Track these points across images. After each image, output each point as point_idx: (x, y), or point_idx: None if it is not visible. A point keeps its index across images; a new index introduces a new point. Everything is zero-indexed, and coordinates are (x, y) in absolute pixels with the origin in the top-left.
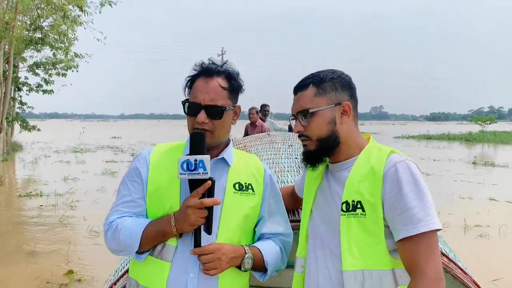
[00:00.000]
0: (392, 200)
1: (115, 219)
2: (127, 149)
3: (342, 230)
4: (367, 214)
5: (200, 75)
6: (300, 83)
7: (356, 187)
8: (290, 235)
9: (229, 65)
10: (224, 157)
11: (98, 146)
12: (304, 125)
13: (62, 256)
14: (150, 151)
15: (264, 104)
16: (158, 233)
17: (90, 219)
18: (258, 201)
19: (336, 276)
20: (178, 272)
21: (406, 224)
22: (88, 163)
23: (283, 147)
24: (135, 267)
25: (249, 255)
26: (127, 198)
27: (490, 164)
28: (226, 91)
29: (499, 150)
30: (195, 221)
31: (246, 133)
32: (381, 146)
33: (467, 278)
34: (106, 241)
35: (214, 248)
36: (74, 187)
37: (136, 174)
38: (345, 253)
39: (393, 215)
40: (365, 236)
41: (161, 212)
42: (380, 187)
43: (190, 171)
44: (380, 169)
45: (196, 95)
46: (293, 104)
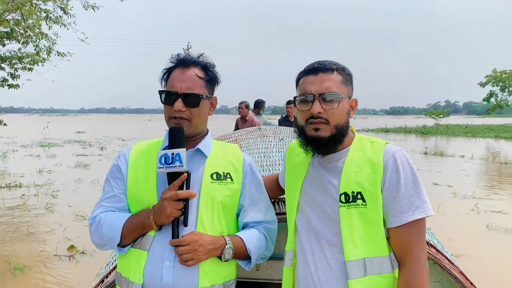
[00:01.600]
0: (392, 189)
1: (99, 214)
2: (94, 143)
3: (342, 221)
4: (368, 204)
5: (177, 66)
6: (322, 66)
7: (354, 178)
8: (274, 222)
9: (205, 57)
10: (200, 148)
11: (64, 140)
12: (325, 108)
13: (58, 235)
14: (130, 149)
15: (261, 100)
16: (138, 225)
17: (74, 205)
18: (237, 189)
19: (337, 266)
20: (154, 261)
21: (404, 212)
22: (59, 156)
23: (274, 140)
24: (120, 260)
25: (230, 245)
26: (110, 194)
27: (439, 154)
28: (202, 81)
29: (450, 142)
30: (171, 213)
31: (236, 128)
32: (372, 138)
33: (454, 269)
34: (91, 235)
35: (191, 239)
36: (51, 179)
37: (117, 171)
38: (347, 243)
39: (391, 203)
40: (365, 226)
41: (140, 206)
42: (380, 177)
43: (167, 164)
44: (379, 160)
45: (173, 84)
46: (313, 84)
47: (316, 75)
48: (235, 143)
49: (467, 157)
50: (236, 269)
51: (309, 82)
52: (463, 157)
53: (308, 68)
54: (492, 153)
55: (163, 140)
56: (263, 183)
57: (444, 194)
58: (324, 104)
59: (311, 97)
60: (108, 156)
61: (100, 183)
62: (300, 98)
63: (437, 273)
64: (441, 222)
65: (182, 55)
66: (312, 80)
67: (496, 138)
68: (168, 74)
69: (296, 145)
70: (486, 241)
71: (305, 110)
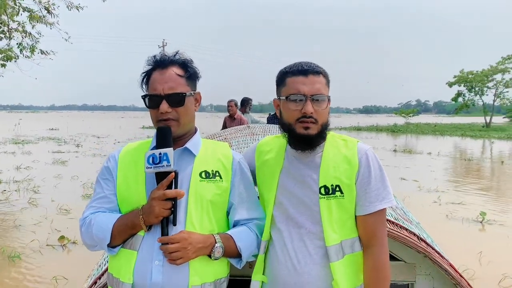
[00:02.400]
0: (364, 182)
1: (89, 215)
2: (69, 140)
3: (322, 211)
4: (345, 196)
5: (155, 68)
6: (311, 67)
7: (332, 173)
8: (264, 218)
9: (181, 54)
10: (188, 147)
11: (38, 137)
12: (316, 109)
13: (46, 227)
14: (120, 150)
15: (247, 98)
16: (127, 225)
17: (57, 200)
18: (226, 187)
19: (315, 251)
20: (144, 260)
21: (373, 202)
22: (35, 153)
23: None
24: (111, 261)
25: (220, 244)
26: (101, 194)
27: (408, 152)
28: (183, 78)
29: (419, 140)
30: (160, 212)
31: (224, 126)
32: (342, 136)
33: (444, 262)
34: (81, 236)
35: (180, 238)
36: (30, 175)
37: (107, 172)
38: (328, 231)
39: (362, 194)
40: (341, 214)
41: (130, 206)
42: (356, 171)
43: (155, 164)
44: (354, 157)
45: (154, 87)
46: (305, 85)
47: (306, 77)
48: (224, 142)
49: (434, 154)
50: (228, 267)
51: (300, 82)
52: (430, 154)
53: (297, 68)
54: (457, 150)
55: (152, 141)
56: (252, 180)
57: (410, 188)
58: (315, 104)
59: (303, 98)
60: (85, 153)
61: (79, 179)
62: (292, 97)
63: (428, 266)
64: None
65: (158, 56)
66: (303, 81)
67: (463, 136)
68: (147, 77)
69: (264, 143)
70: (445, 229)
71: (296, 109)
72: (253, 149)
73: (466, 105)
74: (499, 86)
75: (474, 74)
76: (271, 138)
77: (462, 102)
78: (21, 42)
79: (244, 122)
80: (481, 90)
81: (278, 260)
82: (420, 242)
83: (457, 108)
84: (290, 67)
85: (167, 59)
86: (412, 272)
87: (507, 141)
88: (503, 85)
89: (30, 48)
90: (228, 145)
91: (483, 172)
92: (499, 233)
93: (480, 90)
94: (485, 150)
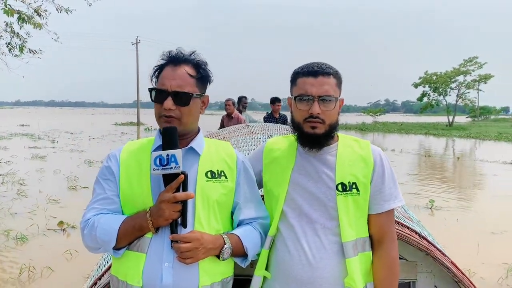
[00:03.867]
0: (378, 181)
1: (91, 217)
2: (43, 137)
3: (339, 207)
4: (360, 193)
5: (168, 63)
6: (321, 69)
7: (348, 170)
8: (268, 217)
9: (197, 55)
10: (193, 147)
11: (10, 133)
12: (323, 109)
13: (41, 215)
14: (120, 150)
15: (242, 96)
16: (134, 228)
17: (45, 191)
18: (231, 187)
19: (330, 246)
20: (153, 263)
21: (387, 200)
22: (11, 149)
23: (262, 137)
24: (115, 263)
25: (228, 245)
26: (102, 195)
27: None
28: (193, 79)
29: (386, 138)
30: (170, 215)
31: (222, 125)
32: (352, 137)
33: (446, 260)
34: (83, 239)
35: (193, 237)
36: (13, 169)
37: (109, 172)
38: (345, 227)
39: (377, 193)
40: (356, 211)
41: (134, 208)
42: (371, 170)
43: (163, 166)
44: (369, 157)
45: (163, 82)
46: (313, 86)
47: (316, 78)
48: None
49: (397, 151)
50: (233, 266)
51: (309, 83)
52: (393, 151)
53: (308, 69)
54: (419, 148)
55: (154, 140)
56: (255, 180)
57: None
58: (322, 105)
59: (311, 98)
60: (62, 149)
61: (62, 172)
62: (300, 97)
63: (429, 264)
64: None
65: (174, 52)
66: (312, 82)
67: (426, 134)
68: (159, 71)
69: (273, 142)
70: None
71: (304, 109)
72: (262, 148)
73: (430, 105)
74: (461, 87)
75: (438, 76)
76: (280, 138)
77: (427, 102)
78: (9, 42)
79: (242, 121)
80: (444, 90)
81: (290, 255)
82: (421, 240)
83: (422, 108)
84: (302, 68)
85: (181, 56)
86: (413, 270)
87: (466, 139)
88: (465, 86)
89: (19, 48)
90: (231, 144)
91: (440, 166)
92: (446, 217)
93: (444, 91)
94: (444, 147)
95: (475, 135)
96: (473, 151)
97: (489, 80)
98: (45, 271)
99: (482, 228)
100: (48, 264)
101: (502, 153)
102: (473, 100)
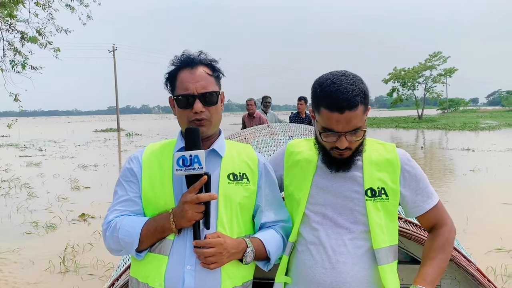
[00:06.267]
0: (413, 184)
1: (114, 219)
2: (29, 146)
3: (370, 213)
4: (390, 198)
5: (182, 67)
6: (347, 103)
7: (376, 176)
8: (290, 220)
9: (206, 54)
10: (215, 148)
11: None
12: (350, 141)
13: (57, 211)
14: (142, 151)
15: (266, 96)
16: (157, 229)
17: (52, 192)
18: (253, 190)
19: (355, 251)
20: (175, 265)
21: (426, 199)
22: (3, 158)
23: (283, 138)
24: (135, 265)
25: (251, 248)
26: (124, 197)
27: None
28: (213, 78)
29: None
30: (193, 216)
31: (244, 125)
32: (378, 141)
33: (470, 266)
34: (105, 241)
35: (216, 242)
36: (15, 175)
37: (131, 174)
38: (377, 233)
39: (414, 195)
40: (386, 217)
41: (157, 209)
42: (399, 175)
43: (185, 167)
44: (397, 161)
45: (186, 86)
46: (339, 123)
47: (342, 114)
48: (244, 142)
49: None
50: (254, 269)
51: (334, 120)
52: None
53: (332, 102)
54: (388, 140)
55: (176, 141)
56: (277, 182)
57: None
58: (350, 137)
59: (338, 134)
60: (53, 156)
61: (61, 176)
62: (325, 132)
63: (453, 270)
64: None
65: (186, 55)
66: (338, 119)
67: (397, 128)
68: (173, 77)
69: (295, 144)
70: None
71: (331, 141)
72: (283, 151)
73: (400, 99)
74: (428, 82)
75: (406, 71)
76: (301, 140)
77: (397, 97)
78: (13, 59)
79: (264, 121)
80: (413, 85)
81: (313, 259)
82: None
83: (392, 103)
84: (324, 96)
85: (196, 58)
86: None
87: (434, 131)
88: (431, 81)
89: (22, 65)
90: (251, 146)
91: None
92: None
93: (412, 86)
94: (412, 138)
95: (442, 126)
96: (435, 141)
97: (453, 73)
98: (87, 247)
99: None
100: (83, 243)
101: (465, 141)
102: (440, 93)
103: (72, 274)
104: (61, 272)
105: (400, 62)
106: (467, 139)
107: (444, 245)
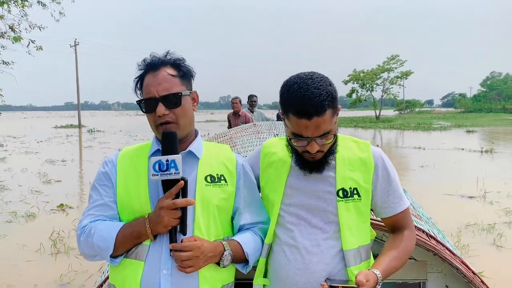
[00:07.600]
0: (385, 184)
1: (88, 224)
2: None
3: (340, 214)
4: (362, 199)
5: (147, 71)
6: (315, 108)
7: (348, 175)
8: (269, 221)
9: (172, 54)
10: (192, 150)
11: None
12: (321, 144)
13: (33, 202)
14: (117, 155)
15: (251, 95)
16: (132, 235)
17: (24, 185)
18: (231, 191)
19: (328, 251)
20: (151, 270)
21: (397, 201)
22: None
23: (268, 136)
24: (113, 271)
25: (228, 252)
26: (99, 202)
27: None
28: (176, 78)
29: None
30: (169, 222)
31: (229, 123)
32: (352, 138)
33: (455, 259)
34: (79, 246)
35: (193, 246)
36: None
37: (106, 178)
38: (346, 235)
39: (385, 195)
40: (358, 217)
41: (132, 214)
42: (371, 174)
43: (162, 171)
44: (370, 160)
45: (148, 90)
46: (308, 129)
47: (310, 120)
48: (229, 141)
49: None
50: (234, 272)
51: (303, 126)
52: None
53: (300, 109)
54: None
55: (151, 145)
56: (255, 184)
57: None
58: (320, 140)
59: (307, 139)
60: (16, 151)
61: (29, 171)
62: (295, 137)
63: (439, 263)
64: None
65: (149, 59)
66: (306, 125)
67: (355, 127)
68: (140, 82)
69: (269, 145)
70: None
71: (301, 146)
72: (258, 152)
73: (359, 100)
74: (386, 83)
75: (365, 73)
76: (276, 140)
77: (356, 98)
78: None
79: (249, 119)
80: (371, 86)
81: (287, 260)
82: (429, 240)
83: (351, 103)
84: (292, 102)
85: (158, 60)
86: (423, 270)
87: (390, 130)
88: (389, 82)
89: None
90: (230, 147)
91: None
92: None
93: (371, 87)
94: (369, 137)
95: (398, 126)
96: (391, 140)
97: (409, 76)
98: (72, 232)
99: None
100: (68, 229)
101: (418, 140)
102: (397, 95)
103: (63, 255)
104: (52, 253)
105: (359, 64)
106: (420, 139)
107: (406, 246)
